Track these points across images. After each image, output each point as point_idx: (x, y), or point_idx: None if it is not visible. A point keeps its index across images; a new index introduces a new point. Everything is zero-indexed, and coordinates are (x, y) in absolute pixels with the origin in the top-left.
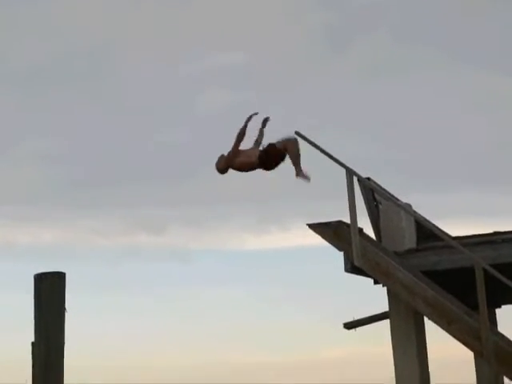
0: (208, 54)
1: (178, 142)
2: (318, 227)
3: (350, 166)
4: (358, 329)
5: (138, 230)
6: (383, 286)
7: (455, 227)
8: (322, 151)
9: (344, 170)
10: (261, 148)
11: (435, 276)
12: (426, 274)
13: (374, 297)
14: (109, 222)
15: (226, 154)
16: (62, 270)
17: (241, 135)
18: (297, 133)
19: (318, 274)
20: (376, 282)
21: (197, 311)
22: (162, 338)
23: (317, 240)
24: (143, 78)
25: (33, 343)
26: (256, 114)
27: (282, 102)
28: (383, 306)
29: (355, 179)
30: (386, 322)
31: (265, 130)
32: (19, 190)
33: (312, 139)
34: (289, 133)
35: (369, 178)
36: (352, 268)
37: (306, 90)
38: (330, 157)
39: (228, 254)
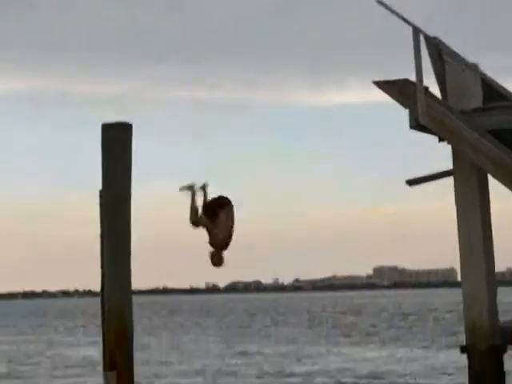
0: None
1: None
2: (383, 84)
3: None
4: (420, 185)
5: (198, 84)
6: (448, 143)
7: None
8: (388, 8)
9: (410, 28)
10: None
11: (501, 135)
12: (492, 133)
13: (438, 154)
14: (172, 74)
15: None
16: (126, 119)
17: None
18: None
19: (382, 132)
20: (441, 140)
21: (251, 161)
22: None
23: (380, 97)
24: None
25: (100, 191)
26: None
27: None
28: (447, 163)
29: (422, 38)
30: (450, 180)
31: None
32: (83, 37)
33: None
34: None
35: (435, 37)
36: (417, 125)
37: None
38: (396, 14)
39: (284, 108)
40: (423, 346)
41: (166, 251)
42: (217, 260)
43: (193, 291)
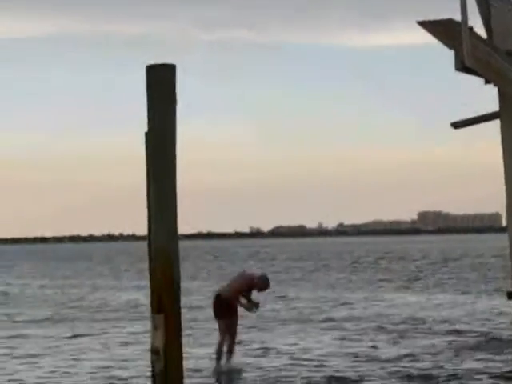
0: None
1: None
2: (428, 25)
3: None
4: (466, 128)
5: (237, 26)
6: (494, 85)
7: None
8: None
9: None
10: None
11: None
12: None
13: (483, 97)
14: (212, 14)
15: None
16: (168, 61)
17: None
18: None
19: (427, 73)
20: (487, 82)
21: (300, 105)
22: (255, 133)
23: (425, 38)
24: None
25: (146, 133)
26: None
27: None
28: (493, 106)
29: None
30: (496, 122)
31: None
32: None
33: None
34: None
35: None
36: (463, 67)
37: None
38: None
39: (330, 50)
40: (465, 292)
41: (210, 195)
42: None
43: (237, 236)
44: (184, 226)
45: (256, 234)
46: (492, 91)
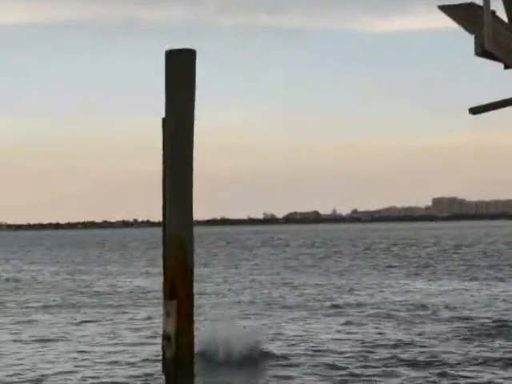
0: None
1: None
2: (448, 9)
3: None
4: (483, 114)
5: (259, 10)
6: None
7: None
8: None
9: None
10: None
11: None
12: None
13: (503, 82)
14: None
15: None
16: (189, 47)
17: None
18: None
19: (446, 58)
20: (506, 67)
21: (314, 96)
22: (279, 125)
23: (445, 23)
24: None
25: (163, 119)
26: None
27: None
28: (511, 92)
29: None
30: None
31: None
32: None
33: None
34: None
35: None
36: (483, 52)
37: None
38: None
39: (346, 35)
40: (473, 279)
41: (225, 181)
42: None
43: (251, 222)
44: (198, 212)
45: (270, 220)
46: (510, 76)
